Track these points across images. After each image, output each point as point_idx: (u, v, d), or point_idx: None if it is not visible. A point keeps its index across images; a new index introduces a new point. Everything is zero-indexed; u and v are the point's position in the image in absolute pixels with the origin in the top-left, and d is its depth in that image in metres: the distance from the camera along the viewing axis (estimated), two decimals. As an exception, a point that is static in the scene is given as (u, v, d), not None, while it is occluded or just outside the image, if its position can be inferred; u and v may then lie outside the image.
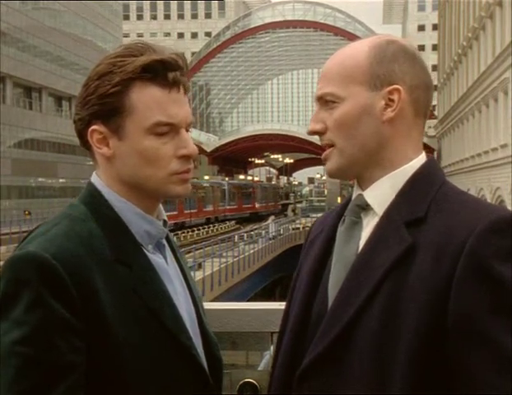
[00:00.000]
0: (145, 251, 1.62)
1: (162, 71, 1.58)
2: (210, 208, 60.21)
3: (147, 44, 1.62)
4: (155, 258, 1.64)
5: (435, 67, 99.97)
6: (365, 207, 1.54)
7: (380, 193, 1.52)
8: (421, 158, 1.54)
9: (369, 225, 1.52)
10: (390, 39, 1.58)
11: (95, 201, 1.62)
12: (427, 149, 72.90)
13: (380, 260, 1.42)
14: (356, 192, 1.58)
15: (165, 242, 1.69)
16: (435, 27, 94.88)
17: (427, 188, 1.48)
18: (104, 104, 1.58)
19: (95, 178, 1.65)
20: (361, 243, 1.51)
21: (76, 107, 1.63)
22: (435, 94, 79.21)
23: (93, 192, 1.63)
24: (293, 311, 1.58)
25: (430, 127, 75.27)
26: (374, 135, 1.52)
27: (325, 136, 1.55)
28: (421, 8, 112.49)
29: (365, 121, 1.52)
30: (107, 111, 1.58)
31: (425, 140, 73.56)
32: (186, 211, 51.51)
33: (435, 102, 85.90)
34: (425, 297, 1.35)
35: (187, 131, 1.63)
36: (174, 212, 46.72)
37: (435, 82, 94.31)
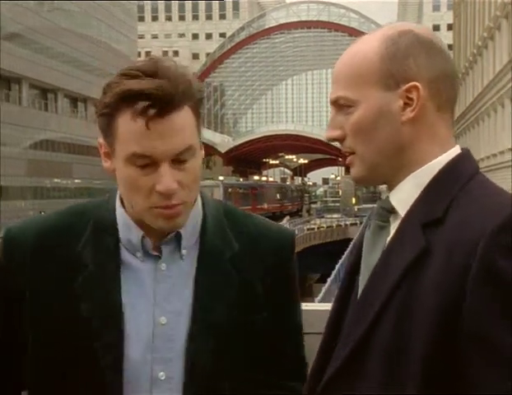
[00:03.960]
0: (126, 257, 1.61)
1: (141, 101, 1.48)
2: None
3: (156, 64, 1.52)
4: (136, 267, 1.61)
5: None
6: (391, 210, 1.43)
7: (405, 195, 1.40)
8: (451, 153, 1.41)
9: (394, 230, 1.42)
10: (403, 29, 1.43)
11: (106, 199, 1.69)
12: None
13: (395, 265, 1.34)
14: (385, 195, 1.49)
15: (165, 252, 1.62)
16: (449, 27, 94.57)
17: (451, 184, 1.36)
18: (99, 121, 1.56)
19: None
20: None
21: None
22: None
23: (112, 192, 1.68)
24: (328, 320, 1.52)
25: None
26: (395, 138, 1.40)
27: (345, 143, 1.44)
28: (436, 8, 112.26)
29: (384, 124, 1.40)
30: (102, 129, 1.57)
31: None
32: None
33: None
34: (438, 301, 1.26)
35: (180, 162, 1.53)
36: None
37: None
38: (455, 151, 1.41)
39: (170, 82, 1.49)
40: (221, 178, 71.46)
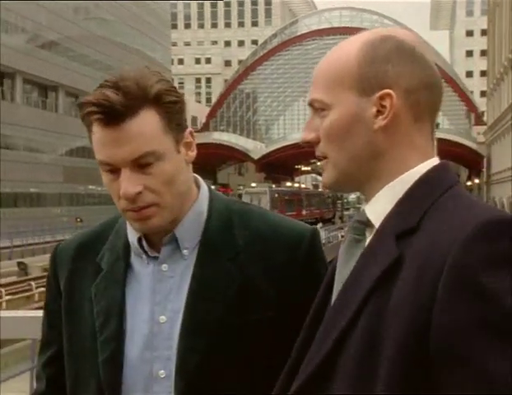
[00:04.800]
0: (133, 259, 1.68)
1: (93, 113, 1.54)
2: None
3: (117, 75, 1.58)
4: (140, 269, 1.67)
5: (483, 73, 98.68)
6: (367, 223, 1.36)
7: (380, 207, 1.34)
8: (428, 164, 1.35)
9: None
10: (387, 34, 1.38)
11: None
12: (476, 155, 72.00)
13: (367, 277, 1.28)
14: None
15: (163, 255, 1.66)
16: (483, 32, 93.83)
17: (426, 195, 1.31)
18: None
19: None
20: None
21: None
22: (485, 100, 78.26)
23: None
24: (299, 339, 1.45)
25: (479, 133, 74.35)
26: (367, 145, 1.35)
27: (318, 147, 1.39)
28: (470, 13, 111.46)
29: (356, 130, 1.35)
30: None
31: (475, 146, 72.72)
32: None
33: (484, 108, 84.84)
34: (408, 312, 1.20)
35: (143, 166, 1.56)
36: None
37: (484, 88, 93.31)
38: (433, 161, 1.36)
39: (120, 90, 1.54)
40: (253, 184, 71.53)
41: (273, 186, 69.13)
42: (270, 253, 1.65)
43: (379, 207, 1.35)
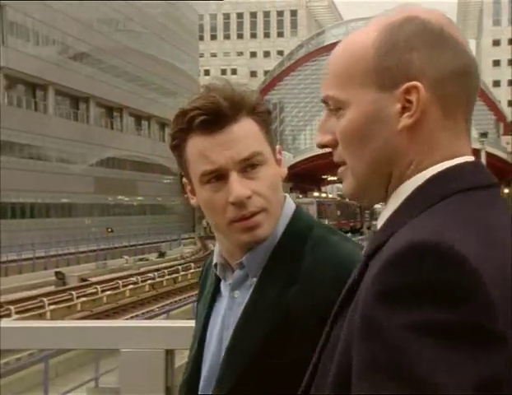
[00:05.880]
0: (221, 284, 1.67)
1: (198, 117, 1.54)
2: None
3: (206, 86, 1.59)
4: (224, 293, 1.66)
5: (510, 83, 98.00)
6: None
7: (382, 217, 1.17)
8: (440, 166, 1.13)
9: None
10: (407, 14, 1.16)
11: None
12: (506, 165, 71.52)
13: (343, 299, 1.15)
14: None
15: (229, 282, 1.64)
16: (510, 42, 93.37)
17: (415, 205, 1.10)
18: (176, 160, 1.63)
19: None
20: None
21: None
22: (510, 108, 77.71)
23: None
24: None
25: (508, 143, 73.84)
26: (388, 148, 1.14)
27: (336, 151, 1.20)
28: (497, 23, 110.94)
29: (376, 132, 1.14)
30: (179, 165, 1.63)
31: (505, 156, 72.24)
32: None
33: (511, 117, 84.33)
34: (342, 348, 1.07)
35: (250, 170, 1.55)
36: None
37: (510, 97, 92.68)
38: (450, 162, 1.13)
39: (221, 96, 1.55)
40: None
41: (300, 196, 69.54)
42: (323, 287, 1.50)
43: (381, 217, 1.17)
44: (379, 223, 1.16)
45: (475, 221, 1.03)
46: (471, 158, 1.15)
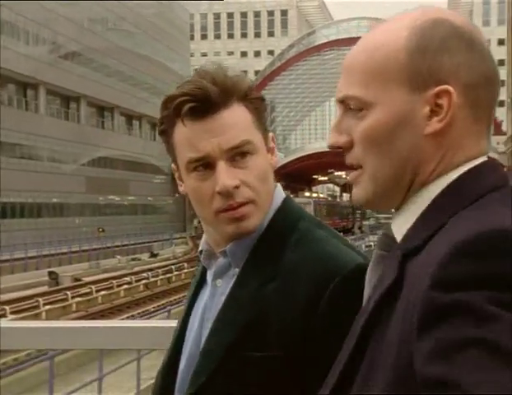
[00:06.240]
0: (208, 273, 1.63)
1: (186, 104, 1.48)
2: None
3: (197, 71, 1.55)
4: (208, 281, 1.62)
5: (502, 83, 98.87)
6: (394, 239, 1.16)
7: (403, 220, 1.14)
8: (460, 169, 1.12)
9: None
10: (439, 17, 1.14)
11: None
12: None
13: (373, 300, 1.11)
14: None
15: (213, 270, 1.60)
16: (500, 42, 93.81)
17: (447, 207, 1.08)
18: (165, 146, 1.58)
19: None
20: None
21: None
22: (502, 109, 78.25)
23: None
24: None
25: (498, 143, 74.21)
26: (412, 153, 1.12)
27: (351, 153, 1.16)
28: (486, 23, 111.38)
29: (402, 135, 1.11)
30: (167, 151, 1.58)
31: (496, 156, 72.53)
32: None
33: (502, 118, 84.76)
34: (398, 339, 1.02)
35: (238, 158, 1.49)
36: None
37: (502, 98, 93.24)
38: (470, 164, 1.12)
39: (212, 81, 1.49)
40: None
41: (291, 196, 70.01)
42: (302, 285, 1.45)
43: (401, 221, 1.14)
44: (399, 227, 1.13)
45: None
46: (486, 158, 1.14)
